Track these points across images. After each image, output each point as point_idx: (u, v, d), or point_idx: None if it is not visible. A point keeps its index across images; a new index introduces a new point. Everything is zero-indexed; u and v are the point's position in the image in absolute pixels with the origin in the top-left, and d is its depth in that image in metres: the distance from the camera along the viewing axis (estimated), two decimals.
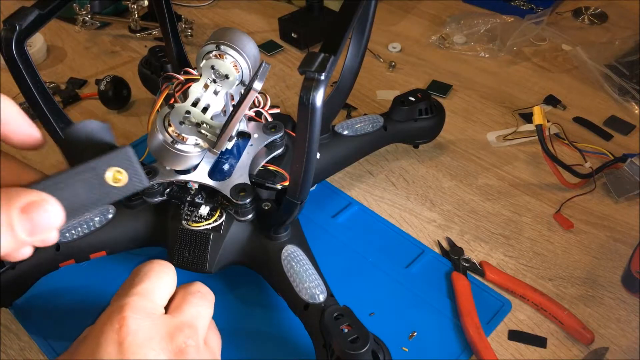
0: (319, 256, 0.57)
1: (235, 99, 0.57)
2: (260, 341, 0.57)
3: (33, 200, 0.24)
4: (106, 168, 0.27)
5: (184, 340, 0.31)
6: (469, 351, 0.55)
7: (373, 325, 0.50)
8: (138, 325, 0.29)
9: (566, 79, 0.90)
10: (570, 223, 0.67)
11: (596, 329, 0.57)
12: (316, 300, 0.52)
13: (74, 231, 0.57)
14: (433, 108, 0.73)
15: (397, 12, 1.08)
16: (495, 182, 0.73)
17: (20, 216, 0.24)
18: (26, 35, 0.50)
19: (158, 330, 0.30)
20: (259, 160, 0.58)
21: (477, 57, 0.95)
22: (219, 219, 0.56)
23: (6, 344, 0.58)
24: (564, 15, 1.04)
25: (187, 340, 0.31)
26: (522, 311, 0.59)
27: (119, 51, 1.01)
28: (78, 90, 0.91)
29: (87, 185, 0.27)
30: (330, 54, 0.42)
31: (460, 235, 0.67)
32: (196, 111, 0.53)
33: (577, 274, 0.62)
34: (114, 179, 0.28)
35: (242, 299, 0.61)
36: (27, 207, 0.24)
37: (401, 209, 0.70)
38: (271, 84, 0.91)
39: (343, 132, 0.69)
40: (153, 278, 0.33)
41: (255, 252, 0.57)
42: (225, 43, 0.54)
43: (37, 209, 0.24)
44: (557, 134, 0.77)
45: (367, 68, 0.91)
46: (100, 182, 0.27)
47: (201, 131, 0.52)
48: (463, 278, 0.61)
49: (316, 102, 0.41)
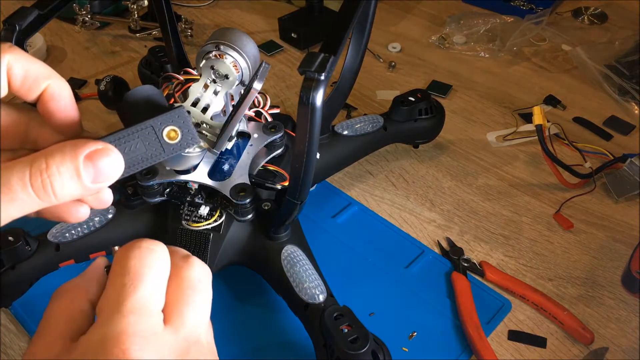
0: (319, 256, 0.57)
1: (235, 99, 0.57)
2: (260, 341, 0.57)
3: (98, 149, 0.27)
4: (163, 126, 0.30)
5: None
6: (468, 351, 0.55)
7: (373, 326, 0.50)
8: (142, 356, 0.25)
9: (566, 79, 0.90)
10: (570, 223, 0.67)
11: (596, 329, 0.57)
12: (316, 300, 0.52)
13: (74, 231, 0.57)
14: (433, 108, 0.73)
15: (397, 12, 1.08)
16: (495, 182, 0.73)
17: (86, 162, 0.26)
18: (26, 35, 0.50)
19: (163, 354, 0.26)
20: (259, 160, 0.58)
21: (477, 57, 0.95)
22: (219, 219, 0.56)
23: (6, 344, 0.58)
24: (564, 16, 1.04)
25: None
26: (522, 311, 0.59)
27: (119, 51, 1.01)
28: (78, 90, 0.91)
29: (145, 141, 0.29)
30: (330, 54, 0.42)
31: (460, 236, 0.67)
32: (196, 111, 0.53)
33: (577, 274, 0.62)
34: (168, 136, 0.30)
35: (242, 299, 0.61)
36: (92, 154, 0.26)
37: (401, 209, 0.70)
38: (271, 84, 0.91)
39: (343, 132, 0.69)
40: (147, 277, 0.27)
41: (255, 252, 0.57)
42: (225, 43, 0.54)
43: (101, 156, 0.27)
44: (557, 134, 0.77)
45: (367, 68, 0.91)
46: (157, 138, 0.30)
47: (201, 131, 0.52)
48: (463, 278, 0.61)
49: (316, 102, 0.41)
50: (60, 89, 0.29)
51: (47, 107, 0.29)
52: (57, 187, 0.26)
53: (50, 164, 0.26)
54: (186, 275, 0.29)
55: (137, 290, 0.27)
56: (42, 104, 0.29)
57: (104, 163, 0.27)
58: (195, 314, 0.29)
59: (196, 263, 0.30)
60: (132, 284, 0.27)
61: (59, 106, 0.29)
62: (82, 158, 0.26)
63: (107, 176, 0.27)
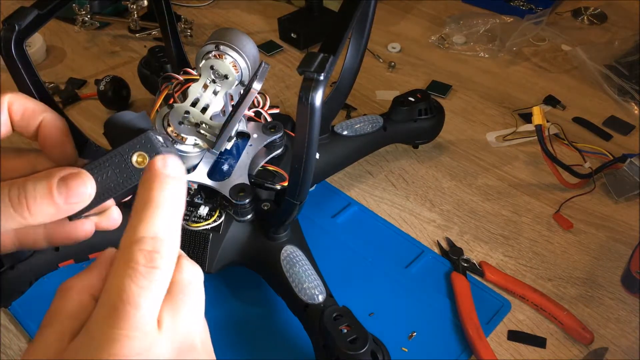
0: (319, 256, 0.57)
1: (234, 99, 0.57)
2: (260, 341, 0.57)
3: (72, 173, 0.30)
4: (131, 152, 0.31)
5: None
6: (468, 351, 0.55)
7: (372, 326, 0.50)
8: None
9: (566, 79, 0.90)
10: (570, 223, 0.67)
11: (596, 329, 0.57)
12: (315, 301, 0.52)
13: None
14: (433, 108, 0.73)
15: (396, 12, 1.08)
16: (494, 183, 0.73)
17: (59, 183, 0.29)
18: (25, 35, 0.50)
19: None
20: (259, 160, 0.58)
21: (476, 57, 0.95)
22: (218, 219, 0.56)
23: (6, 344, 0.58)
24: (564, 16, 1.04)
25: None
26: (521, 311, 0.59)
27: (119, 51, 1.01)
28: (77, 90, 0.91)
29: (116, 169, 0.31)
30: (329, 54, 0.42)
31: (460, 236, 0.67)
32: (195, 111, 0.53)
33: (576, 274, 0.62)
34: (137, 162, 0.31)
35: (242, 299, 0.61)
36: (65, 177, 0.29)
37: (401, 209, 0.70)
38: (270, 84, 0.91)
39: (342, 133, 0.69)
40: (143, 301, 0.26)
41: (255, 253, 0.57)
42: (225, 43, 0.54)
43: (74, 179, 0.29)
44: (557, 134, 0.77)
45: (366, 68, 0.91)
46: (127, 165, 0.31)
47: (200, 131, 0.52)
48: (462, 278, 0.61)
49: (315, 102, 0.41)
50: (54, 120, 0.32)
51: (43, 137, 0.32)
52: (31, 203, 0.28)
53: (28, 183, 0.29)
54: (176, 279, 0.29)
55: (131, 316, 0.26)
56: (39, 135, 0.32)
57: (75, 184, 0.29)
58: (188, 319, 0.28)
59: (185, 265, 0.29)
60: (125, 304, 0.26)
61: (53, 136, 0.32)
62: (57, 180, 0.29)
63: (79, 197, 0.30)
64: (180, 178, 0.30)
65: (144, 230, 0.27)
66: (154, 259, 0.27)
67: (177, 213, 0.29)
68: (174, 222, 0.29)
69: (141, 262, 0.26)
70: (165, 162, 0.29)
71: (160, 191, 0.28)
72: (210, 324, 0.31)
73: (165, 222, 0.28)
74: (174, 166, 0.29)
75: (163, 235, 0.28)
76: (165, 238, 0.28)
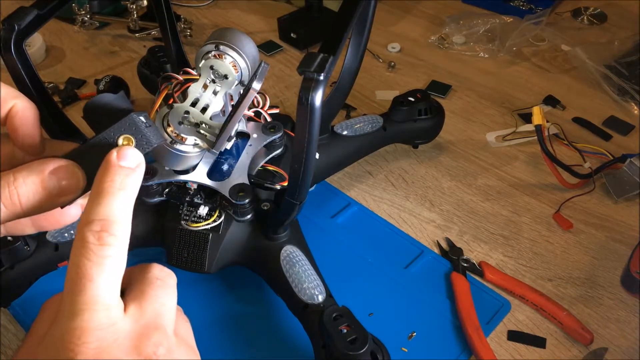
0: (318, 256, 0.57)
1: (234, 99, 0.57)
2: (259, 341, 0.57)
3: (60, 165, 0.30)
4: (116, 136, 0.31)
5: (153, 350, 0.28)
6: (468, 352, 0.55)
7: (372, 326, 0.50)
8: (100, 346, 0.27)
9: (565, 79, 0.90)
10: (570, 223, 0.67)
11: (595, 329, 0.57)
12: (315, 301, 0.52)
13: (73, 231, 0.56)
14: (432, 108, 0.73)
15: (396, 13, 1.08)
16: (494, 183, 0.73)
17: (50, 176, 0.30)
18: (25, 35, 0.50)
19: (121, 347, 0.27)
20: (258, 160, 0.58)
21: (476, 58, 0.95)
22: (218, 219, 0.56)
23: (5, 344, 0.58)
24: (563, 16, 1.04)
25: (156, 350, 0.28)
26: (521, 311, 0.59)
27: (118, 51, 1.01)
28: (77, 90, 0.91)
29: (103, 153, 0.30)
30: (329, 54, 0.42)
31: (460, 236, 0.67)
32: (195, 111, 0.53)
33: (576, 275, 0.62)
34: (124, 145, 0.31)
35: (241, 299, 0.61)
36: (55, 170, 0.30)
37: (400, 209, 0.70)
38: (270, 84, 0.91)
39: (342, 133, 0.69)
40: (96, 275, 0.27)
41: (254, 253, 0.57)
42: (225, 43, 0.53)
43: (63, 171, 0.30)
44: (557, 134, 0.77)
45: (366, 68, 0.91)
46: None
47: (200, 131, 0.52)
48: (462, 278, 0.61)
49: (315, 102, 0.41)
50: (25, 108, 0.32)
51: (11, 123, 0.32)
52: (23, 198, 0.29)
53: (18, 177, 0.29)
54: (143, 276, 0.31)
55: (89, 289, 0.27)
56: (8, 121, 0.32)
57: (65, 176, 0.30)
58: (154, 304, 0.30)
59: (154, 266, 0.32)
60: (79, 280, 0.27)
61: (22, 123, 0.32)
62: (47, 172, 0.30)
63: (70, 189, 0.31)
64: (134, 168, 0.30)
65: (94, 214, 0.28)
66: (103, 237, 0.28)
67: (129, 200, 0.30)
68: (124, 207, 0.30)
69: (91, 241, 0.28)
70: (120, 154, 0.30)
71: (111, 181, 0.29)
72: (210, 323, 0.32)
73: (115, 207, 0.29)
74: (128, 157, 0.30)
75: (113, 218, 0.29)
76: (114, 220, 0.29)
